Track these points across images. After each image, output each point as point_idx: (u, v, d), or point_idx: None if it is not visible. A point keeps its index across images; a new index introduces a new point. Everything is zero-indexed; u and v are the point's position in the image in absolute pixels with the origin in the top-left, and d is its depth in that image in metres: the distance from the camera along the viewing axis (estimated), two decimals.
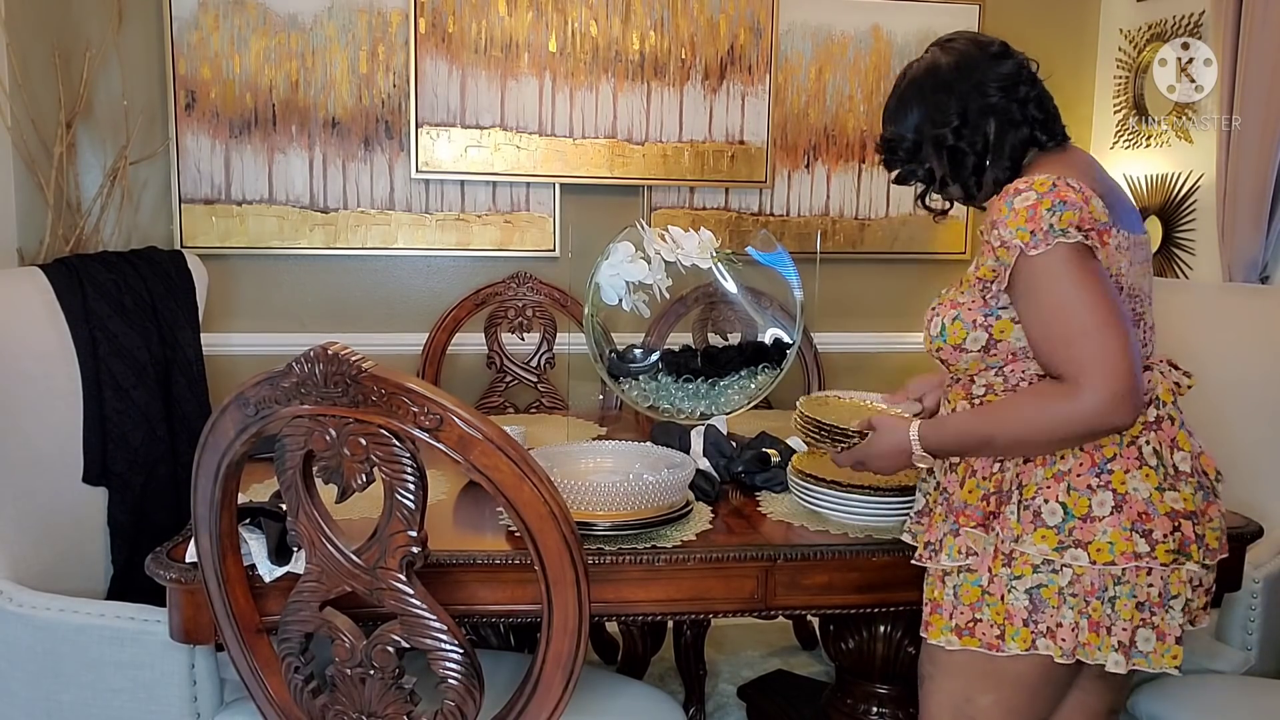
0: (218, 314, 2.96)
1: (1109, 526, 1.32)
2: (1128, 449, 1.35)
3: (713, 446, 1.94)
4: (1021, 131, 1.46)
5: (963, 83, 1.47)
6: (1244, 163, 2.66)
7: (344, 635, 1.28)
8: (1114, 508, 1.33)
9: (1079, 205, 1.30)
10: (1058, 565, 1.33)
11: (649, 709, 1.65)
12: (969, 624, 1.39)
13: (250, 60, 2.90)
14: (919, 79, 1.53)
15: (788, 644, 2.97)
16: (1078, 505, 1.33)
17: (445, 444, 1.18)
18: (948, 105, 1.47)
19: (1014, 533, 1.36)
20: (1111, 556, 1.31)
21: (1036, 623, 1.35)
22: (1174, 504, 1.34)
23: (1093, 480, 1.34)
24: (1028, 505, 1.36)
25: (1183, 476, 1.37)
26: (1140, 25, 3.24)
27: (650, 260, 2.09)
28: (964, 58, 1.50)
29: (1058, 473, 1.35)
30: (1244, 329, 2.31)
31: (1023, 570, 1.35)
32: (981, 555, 1.39)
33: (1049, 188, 1.31)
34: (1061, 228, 1.29)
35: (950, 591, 1.42)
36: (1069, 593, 1.33)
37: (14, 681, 1.65)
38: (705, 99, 3.12)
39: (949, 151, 1.49)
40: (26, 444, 1.93)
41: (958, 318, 1.42)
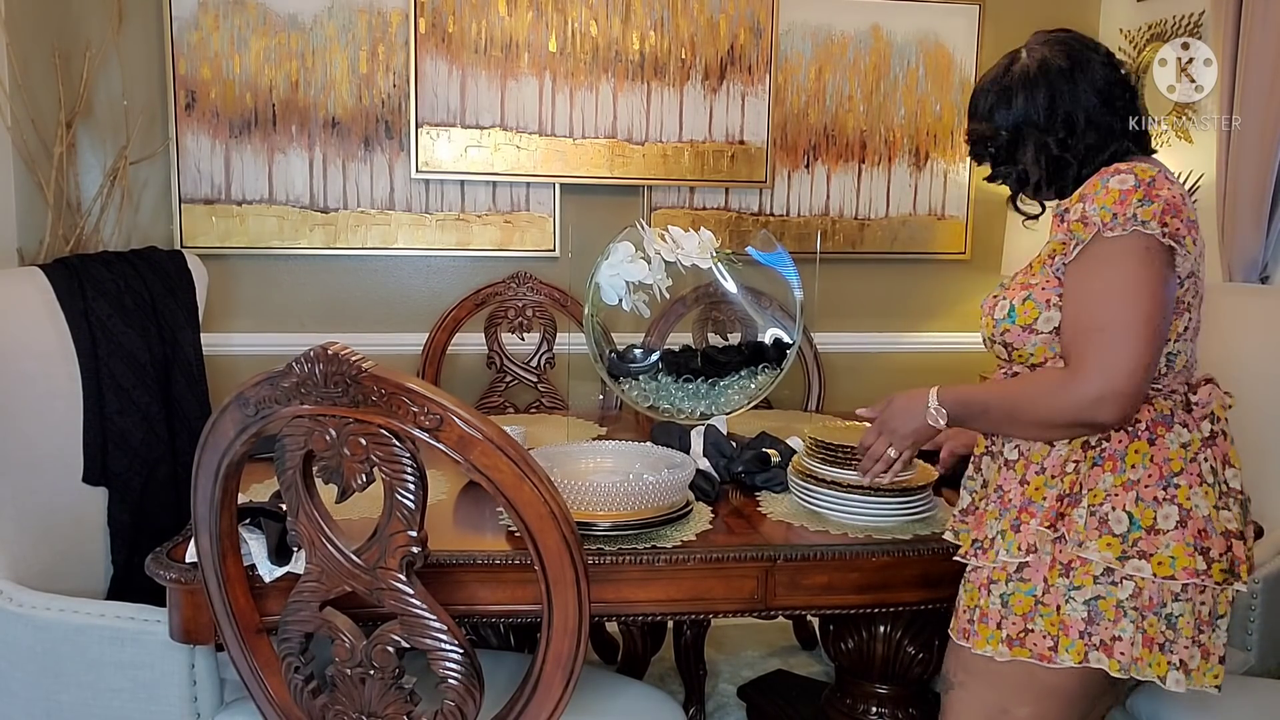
0: (218, 314, 2.96)
1: (1173, 541, 1.30)
2: (1191, 464, 1.34)
3: (713, 446, 1.94)
4: (1119, 143, 1.41)
5: (1068, 85, 1.40)
6: (1244, 163, 2.66)
7: (344, 635, 1.28)
8: (1178, 523, 1.31)
9: (1171, 201, 1.28)
10: (1118, 577, 1.31)
11: (649, 709, 1.65)
12: (1020, 634, 1.35)
13: (250, 60, 2.90)
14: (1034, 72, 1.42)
15: (788, 644, 2.97)
16: (1144, 516, 1.31)
17: (445, 444, 1.18)
18: (1055, 104, 1.41)
19: (1080, 537, 1.32)
20: (1173, 571, 1.29)
21: (1091, 635, 1.32)
22: (1227, 523, 1.34)
23: (1159, 493, 1.32)
24: (1094, 511, 1.33)
25: (1233, 494, 1.37)
26: (1140, 25, 3.24)
27: (650, 260, 2.09)
28: (1071, 57, 1.41)
29: (1127, 481, 1.33)
30: (1244, 329, 2.31)
31: (1083, 581, 1.32)
32: (1038, 560, 1.35)
33: (1149, 179, 1.29)
34: (1144, 218, 1.27)
35: (998, 601, 1.37)
36: (1129, 605, 1.30)
37: (14, 681, 1.65)
38: (705, 99, 3.12)
39: (1054, 161, 1.42)
40: (26, 444, 1.93)
41: (1029, 297, 1.38)
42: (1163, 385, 1.37)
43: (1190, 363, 1.40)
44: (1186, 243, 1.30)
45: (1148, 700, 1.78)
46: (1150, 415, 1.35)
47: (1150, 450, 1.34)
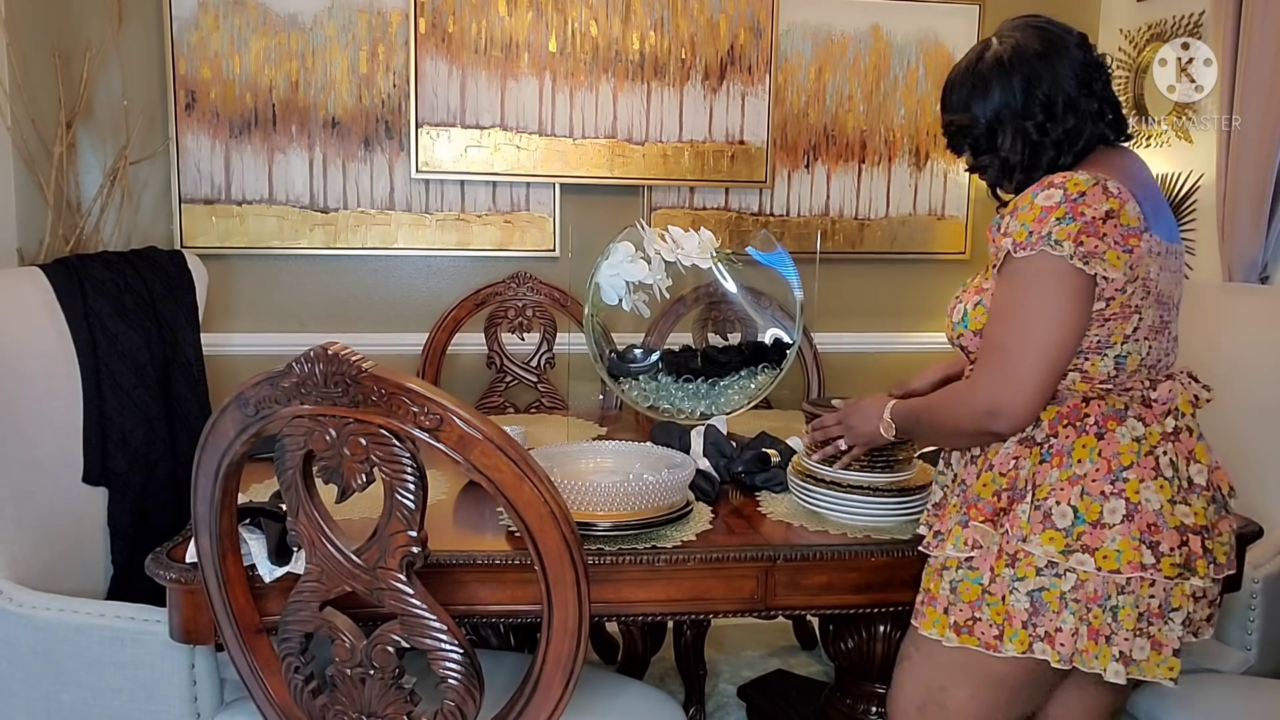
0: (218, 314, 2.96)
1: (1118, 535, 1.31)
2: (1145, 458, 1.34)
3: (713, 446, 1.94)
4: (1093, 128, 1.41)
5: (1049, 70, 1.39)
6: (1244, 163, 2.66)
7: (344, 635, 1.28)
8: (1125, 516, 1.31)
9: (1093, 220, 1.28)
10: (1061, 569, 1.32)
11: (649, 709, 1.65)
12: (968, 622, 1.38)
13: (250, 60, 2.90)
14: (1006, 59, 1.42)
15: (788, 644, 2.97)
16: (1089, 510, 1.32)
17: (445, 444, 1.18)
18: (1033, 89, 1.40)
19: (1022, 531, 1.34)
20: (1118, 565, 1.30)
21: (1035, 626, 1.34)
22: (1184, 518, 1.33)
23: (1107, 487, 1.33)
24: (1039, 505, 1.35)
25: (1196, 489, 1.36)
26: (1140, 25, 3.24)
27: (650, 260, 2.09)
28: (1047, 42, 1.41)
29: (1073, 475, 1.34)
30: (1244, 329, 2.31)
31: (1026, 572, 1.34)
32: (985, 551, 1.38)
33: (1078, 194, 1.29)
34: (1059, 238, 1.28)
35: (948, 586, 1.41)
36: (1071, 598, 1.32)
37: (14, 681, 1.65)
38: (705, 99, 3.12)
39: (1031, 145, 1.42)
40: (27, 444, 1.93)
41: (980, 303, 1.41)
42: (1115, 384, 1.38)
43: (1152, 360, 1.40)
44: (1109, 257, 1.29)
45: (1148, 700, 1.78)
46: (1100, 410, 1.36)
47: (1099, 445, 1.35)
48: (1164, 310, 1.40)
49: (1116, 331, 1.35)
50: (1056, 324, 1.30)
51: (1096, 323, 1.34)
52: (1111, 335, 1.35)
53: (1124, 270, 1.31)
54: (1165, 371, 1.42)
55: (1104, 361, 1.36)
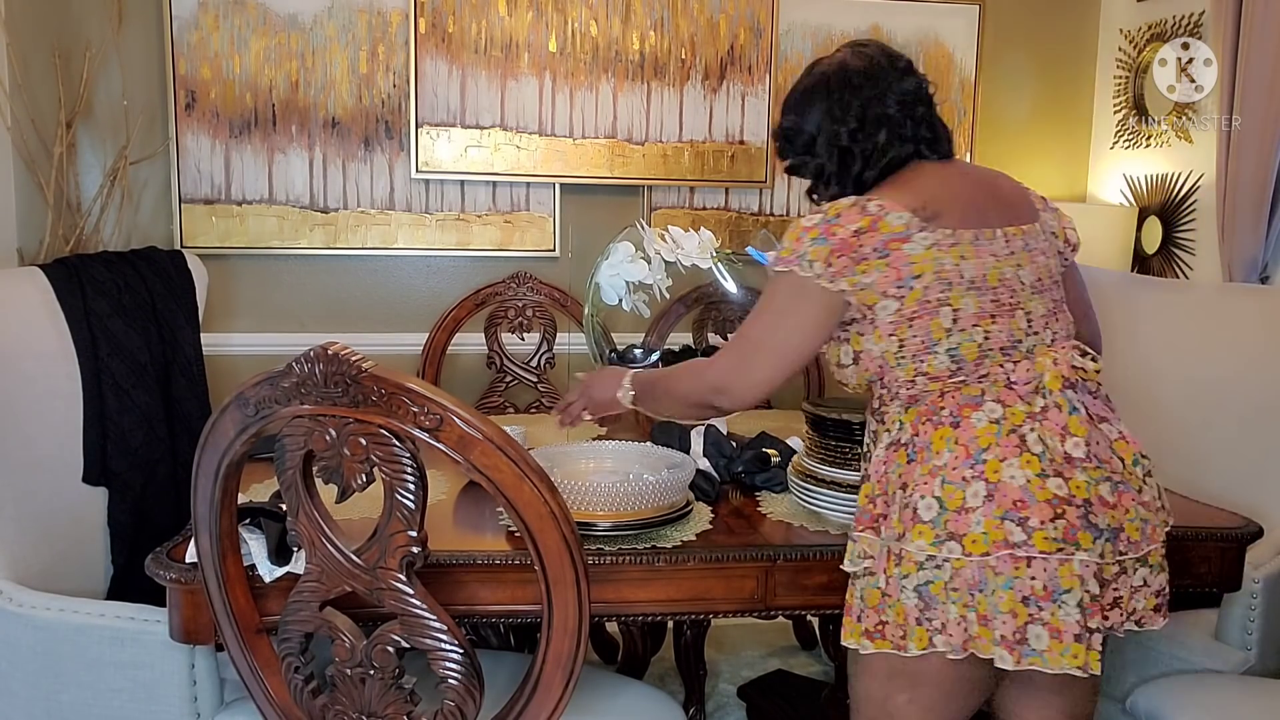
0: (218, 314, 2.96)
1: (982, 516, 1.30)
2: (1007, 438, 1.34)
3: (713, 446, 1.94)
4: (906, 147, 1.51)
5: (869, 88, 1.51)
6: (1244, 163, 2.66)
7: (344, 635, 1.28)
8: (986, 497, 1.31)
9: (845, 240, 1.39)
10: (939, 560, 1.32)
11: (649, 709, 1.65)
12: (878, 626, 1.39)
13: (250, 60, 2.91)
14: (827, 75, 1.55)
15: (788, 644, 2.97)
16: (952, 498, 1.33)
17: (445, 444, 1.18)
18: (849, 106, 1.51)
19: (896, 532, 1.36)
20: (986, 547, 1.30)
21: (930, 620, 1.33)
22: (1057, 490, 1.31)
23: (967, 472, 1.33)
24: (907, 504, 1.36)
25: (1076, 463, 1.34)
26: (1140, 25, 3.24)
27: (650, 260, 2.09)
28: (874, 65, 1.53)
29: (933, 468, 1.36)
30: (1244, 329, 2.31)
31: (909, 569, 1.35)
32: (878, 557, 1.39)
33: (833, 216, 1.41)
34: (811, 257, 1.40)
35: (859, 595, 1.42)
36: (951, 587, 1.32)
37: (14, 681, 1.65)
38: (705, 99, 3.12)
39: (840, 151, 1.53)
40: (27, 444, 1.93)
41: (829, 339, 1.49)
42: (965, 375, 1.40)
43: (999, 344, 1.41)
44: (860, 269, 1.38)
45: (1148, 699, 1.78)
46: (955, 401, 1.39)
47: (955, 434, 1.36)
48: (999, 293, 1.42)
49: (933, 328, 1.39)
50: (793, 332, 1.45)
51: (904, 324, 1.40)
52: (930, 332, 1.39)
53: (879, 269, 1.38)
54: (1029, 352, 1.42)
55: (937, 358, 1.40)
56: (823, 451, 1.73)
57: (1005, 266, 1.44)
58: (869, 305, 1.41)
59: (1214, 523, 1.70)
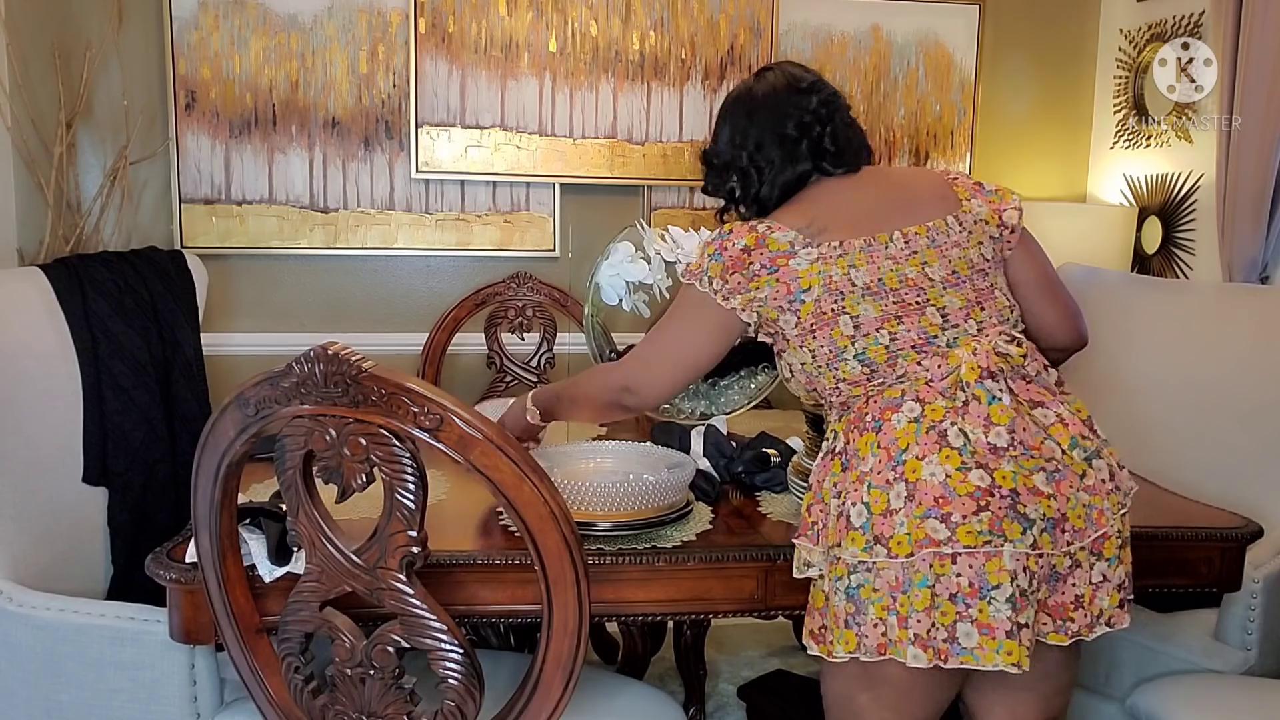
0: (218, 314, 2.96)
1: (905, 517, 1.30)
2: (926, 435, 1.34)
3: (713, 446, 1.94)
4: (802, 166, 1.56)
5: (763, 112, 1.58)
6: (1244, 163, 2.66)
7: (344, 635, 1.28)
8: (907, 497, 1.31)
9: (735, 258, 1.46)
10: (869, 564, 1.33)
11: (649, 709, 1.65)
12: (820, 630, 1.41)
13: (250, 60, 2.90)
14: (731, 101, 1.64)
15: (788, 644, 2.97)
16: (877, 502, 1.33)
17: (445, 444, 1.18)
18: (748, 130, 1.59)
19: (831, 540, 1.38)
20: (910, 548, 1.29)
21: (860, 624, 1.34)
22: (979, 482, 1.29)
23: (889, 474, 1.34)
24: (841, 512, 1.37)
25: (1002, 453, 1.31)
26: (1140, 25, 3.24)
27: (650, 260, 2.09)
28: (773, 89, 1.59)
29: (861, 474, 1.37)
30: (1244, 329, 2.31)
31: (840, 571, 1.36)
32: (817, 565, 1.43)
33: (726, 232, 1.50)
34: (710, 274, 1.48)
35: (810, 598, 1.45)
36: (874, 588, 1.33)
37: (14, 681, 1.65)
38: (705, 99, 3.12)
39: (741, 173, 1.60)
40: (27, 444, 1.93)
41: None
42: (884, 377, 1.41)
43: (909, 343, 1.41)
44: (753, 285, 1.46)
45: (1148, 699, 1.78)
46: (878, 406, 1.40)
47: (878, 438, 1.37)
48: (902, 293, 1.43)
49: (835, 336, 1.44)
50: (690, 342, 1.54)
51: (808, 335, 1.46)
52: (834, 341, 1.44)
53: (770, 284, 1.45)
54: (949, 345, 1.42)
55: (848, 364, 1.43)
56: None
57: (907, 267, 1.45)
58: (772, 320, 1.49)
59: (1214, 523, 1.70)
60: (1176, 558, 1.64)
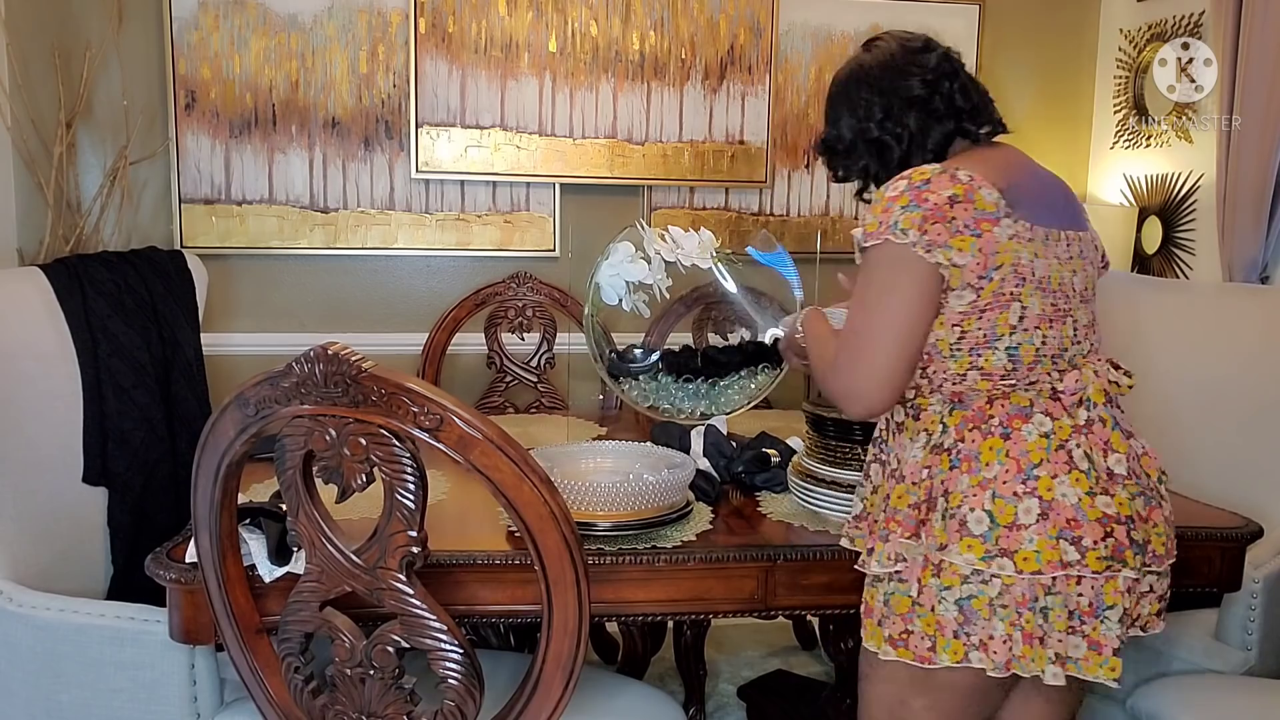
0: (218, 314, 2.96)
1: (1035, 534, 1.29)
2: (1056, 453, 1.32)
3: (713, 446, 1.94)
4: (946, 124, 1.47)
5: (885, 79, 1.50)
6: (1244, 163, 2.66)
7: (344, 635, 1.28)
8: (1040, 515, 1.29)
9: (938, 206, 1.30)
10: (986, 576, 1.30)
11: (649, 709, 1.65)
12: (902, 635, 1.36)
13: (250, 60, 2.90)
14: (845, 79, 1.56)
15: (788, 644, 2.97)
16: (1003, 513, 1.30)
17: (445, 444, 1.18)
18: (872, 101, 1.50)
19: (939, 541, 1.33)
20: (1039, 565, 1.28)
21: (969, 635, 1.32)
22: (1105, 509, 1.30)
23: (1019, 487, 1.31)
24: (953, 514, 1.32)
25: (1118, 480, 1.34)
26: (1140, 25, 3.24)
27: (650, 260, 2.09)
28: (886, 54, 1.53)
29: (983, 480, 1.32)
30: (1244, 329, 2.31)
31: (951, 581, 1.32)
32: (911, 564, 1.36)
33: (922, 181, 1.33)
34: (904, 227, 1.30)
35: (882, 600, 1.39)
36: (999, 604, 1.30)
37: (14, 681, 1.65)
38: (705, 99, 3.12)
39: (875, 145, 1.51)
40: (27, 444, 1.93)
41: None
42: (1017, 379, 1.36)
43: (1052, 350, 1.38)
44: (955, 243, 1.30)
45: (1148, 700, 1.78)
46: (1005, 410, 1.35)
47: (1005, 445, 1.33)
48: (1057, 298, 1.38)
49: (999, 322, 1.34)
50: (902, 309, 1.33)
51: (973, 315, 1.34)
52: (996, 326, 1.34)
53: (972, 253, 1.30)
54: (1071, 362, 1.40)
55: (996, 355, 1.35)
56: (823, 451, 1.73)
57: (1064, 271, 1.39)
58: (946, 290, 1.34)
59: (1214, 523, 1.70)
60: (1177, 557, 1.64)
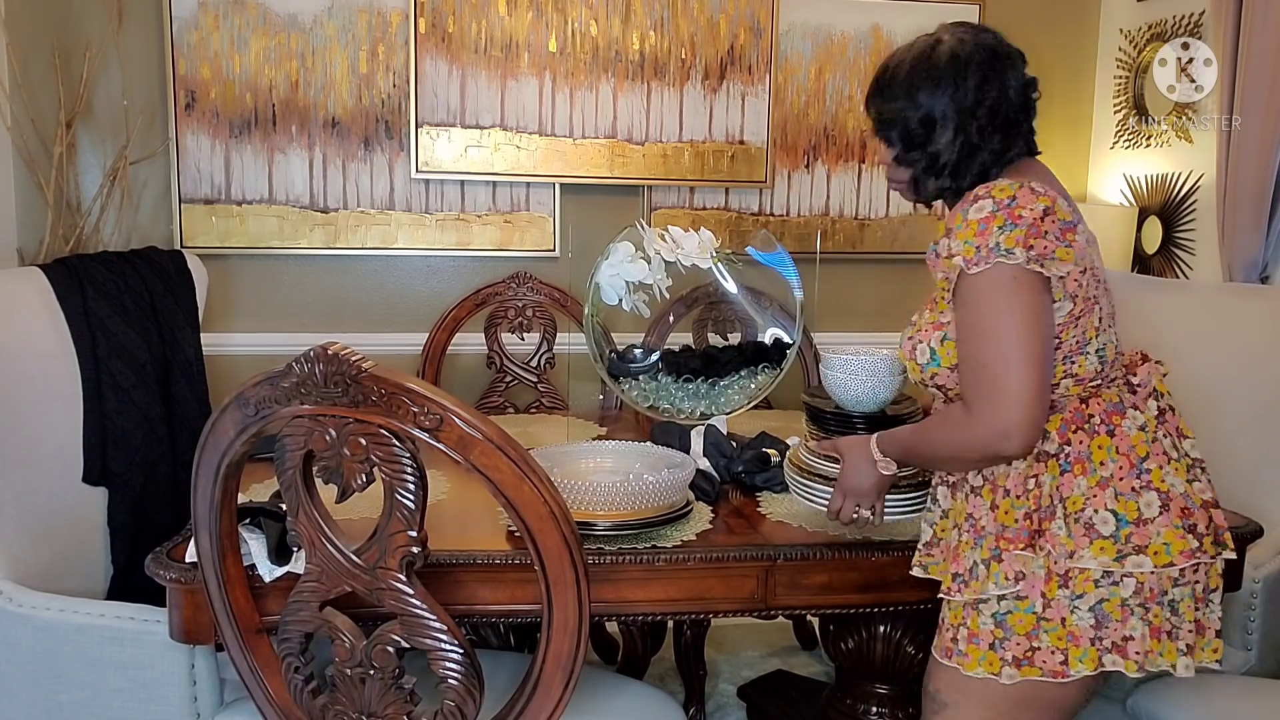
0: (218, 314, 2.96)
1: (1161, 527, 1.29)
2: (1154, 445, 1.33)
3: (713, 446, 1.94)
4: (1024, 142, 1.43)
5: (996, 75, 1.38)
6: (1244, 163, 2.66)
7: (344, 635, 1.28)
8: (1161, 507, 1.30)
9: (1034, 223, 1.26)
10: (1118, 576, 1.28)
11: (649, 709, 1.65)
12: (1027, 654, 1.31)
13: (250, 60, 2.90)
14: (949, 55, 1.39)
15: (788, 644, 2.97)
16: (1128, 510, 1.29)
17: (445, 444, 1.18)
18: (982, 92, 1.38)
19: (1067, 549, 1.29)
20: (1169, 557, 1.28)
21: (1102, 639, 1.29)
22: (1202, 494, 1.33)
23: (1135, 482, 1.30)
24: (1077, 518, 1.30)
25: (1198, 464, 1.36)
26: (1140, 25, 3.24)
27: (650, 260, 2.09)
28: (998, 49, 1.41)
29: (1100, 479, 1.30)
30: (1244, 329, 2.31)
31: (1084, 588, 1.29)
32: (1031, 579, 1.31)
33: (1008, 199, 1.27)
34: (1008, 247, 1.25)
35: (991, 622, 1.33)
36: (1134, 603, 1.28)
37: (14, 681, 1.65)
38: (705, 99, 3.12)
39: (967, 142, 1.39)
40: (26, 444, 1.93)
41: (946, 337, 1.37)
42: (1102, 378, 1.37)
43: (1120, 347, 1.41)
44: (1059, 254, 1.27)
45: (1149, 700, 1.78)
46: (1102, 408, 1.35)
47: (1113, 443, 1.33)
48: (1111, 296, 1.41)
49: (1088, 326, 1.34)
50: (1031, 332, 1.26)
51: (1070, 324, 1.32)
52: (1086, 331, 1.34)
53: (1072, 263, 1.29)
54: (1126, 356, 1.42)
55: (1089, 359, 1.35)
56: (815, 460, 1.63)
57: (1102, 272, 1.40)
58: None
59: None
60: None
